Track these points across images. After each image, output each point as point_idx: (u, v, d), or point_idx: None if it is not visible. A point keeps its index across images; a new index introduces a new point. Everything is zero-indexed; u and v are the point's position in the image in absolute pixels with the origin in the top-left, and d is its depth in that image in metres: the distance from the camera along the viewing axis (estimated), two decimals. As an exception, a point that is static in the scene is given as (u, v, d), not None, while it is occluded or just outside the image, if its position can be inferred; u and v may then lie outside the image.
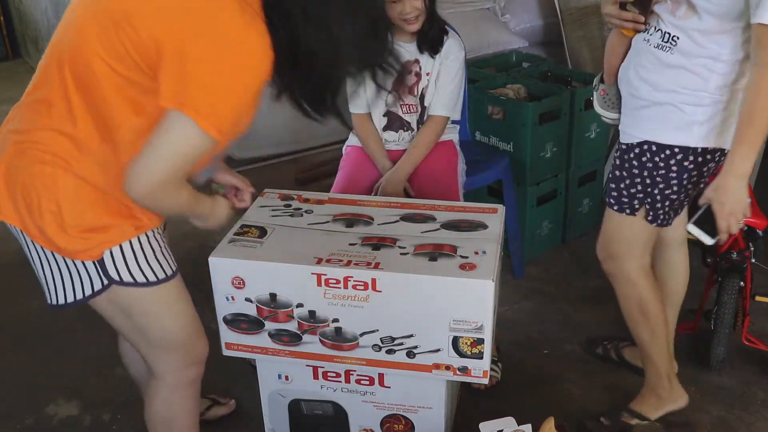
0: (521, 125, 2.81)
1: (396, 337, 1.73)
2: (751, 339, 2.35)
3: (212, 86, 1.28)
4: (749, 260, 2.33)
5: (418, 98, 2.47)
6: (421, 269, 1.67)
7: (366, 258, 1.70)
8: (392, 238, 1.79)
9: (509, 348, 2.51)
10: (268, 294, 1.73)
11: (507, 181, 2.79)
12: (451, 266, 1.68)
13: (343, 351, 1.78)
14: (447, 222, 1.87)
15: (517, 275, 2.92)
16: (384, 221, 1.88)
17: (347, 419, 1.97)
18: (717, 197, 1.74)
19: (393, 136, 2.52)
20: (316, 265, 1.68)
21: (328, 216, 1.90)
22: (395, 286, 1.67)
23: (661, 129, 1.83)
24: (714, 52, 1.72)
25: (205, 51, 1.27)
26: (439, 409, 1.90)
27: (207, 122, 1.29)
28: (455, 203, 2.04)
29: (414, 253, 1.73)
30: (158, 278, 1.53)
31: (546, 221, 3.03)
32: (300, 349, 1.80)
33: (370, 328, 1.73)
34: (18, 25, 5.82)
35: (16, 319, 2.69)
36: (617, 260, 2.04)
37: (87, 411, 2.30)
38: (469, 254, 1.71)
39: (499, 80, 3.07)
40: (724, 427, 2.16)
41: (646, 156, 1.87)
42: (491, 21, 4.05)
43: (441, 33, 2.42)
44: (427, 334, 1.72)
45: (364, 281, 1.67)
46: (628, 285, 2.04)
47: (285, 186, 3.68)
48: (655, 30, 1.79)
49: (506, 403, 2.22)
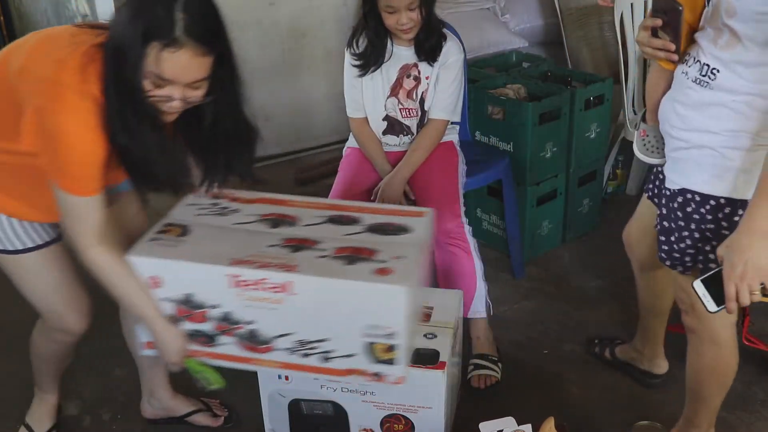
0: (521, 125, 2.81)
1: (311, 341, 1.68)
2: (751, 339, 2.34)
3: (64, 162, 1.52)
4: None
5: (418, 102, 2.47)
6: (336, 273, 1.60)
7: (283, 260, 1.64)
8: (313, 240, 1.72)
9: (509, 348, 2.51)
10: (183, 294, 1.68)
11: (507, 181, 2.79)
12: (367, 270, 1.60)
13: (257, 353, 1.73)
14: (373, 225, 1.79)
15: (517, 275, 2.92)
16: (310, 222, 1.80)
17: (347, 419, 1.97)
18: (729, 257, 1.47)
19: (393, 140, 2.52)
20: (231, 266, 1.62)
21: (255, 216, 1.82)
22: (309, 290, 1.61)
23: (701, 176, 1.61)
24: (758, 89, 1.51)
25: (43, 129, 1.50)
26: (439, 409, 1.90)
27: (75, 190, 1.55)
28: (384, 206, 1.93)
29: (333, 255, 1.66)
30: (18, 248, 1.73)
31: (546, 221, 3.03)
32: (216, 351, 1.75)
33: (285, 331, 1.68)
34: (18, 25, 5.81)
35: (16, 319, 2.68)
36: (704, 322, 1.76)
37: (87, 411, 2.30)
38: (388, 258, 1.64)
39: (499, 80, 3.07)
40: (724, 427, 2.16)
41: (690, 206, 1.65)
42: (491, 21, 4.05)
43: (439, 41, 2.41)
44: (342, 339, 1.66)
45: (278, 284, 1.61)
46: (713, 346, 1.80)
47: (285, 186, 3.70)
48: (695, 61, 1.60)
49: (506, 403, 2.22)
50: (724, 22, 1.52)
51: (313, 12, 3.80)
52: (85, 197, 1.56)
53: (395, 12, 2.29)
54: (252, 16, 3.66)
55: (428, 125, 2.49)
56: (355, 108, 2.53)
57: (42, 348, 2.05)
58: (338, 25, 3.81)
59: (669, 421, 2.14)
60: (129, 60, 1.44)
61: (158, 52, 1.43)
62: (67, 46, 1.50)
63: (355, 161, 2.57)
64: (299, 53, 3.85)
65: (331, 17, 3.84)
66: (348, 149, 2.63)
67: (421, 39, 2.38)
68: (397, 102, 2.47)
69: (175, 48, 1.43)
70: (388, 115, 2.50)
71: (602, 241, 3.12)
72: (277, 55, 3.79)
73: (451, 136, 2.60)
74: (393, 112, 2.49)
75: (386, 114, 2.49)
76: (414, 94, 2.47)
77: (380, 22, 2.35)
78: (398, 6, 2.27)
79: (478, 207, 3.09)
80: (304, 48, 3.85)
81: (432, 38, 2.39)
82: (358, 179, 2.52)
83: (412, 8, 2.28)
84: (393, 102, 2.48)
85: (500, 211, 2.97)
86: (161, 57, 1.43)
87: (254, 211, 1.84)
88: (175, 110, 1.55)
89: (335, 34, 3.80)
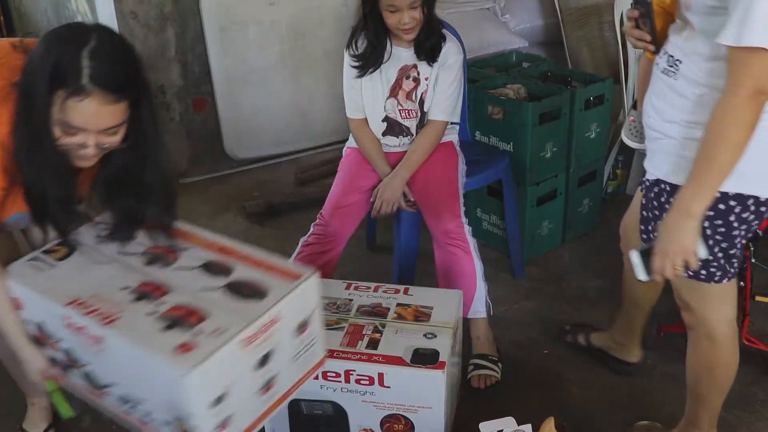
0: (521, 125, 2.81)
1: (131, 398, 1.56)
2: (751, 339, 2.34)
3: None
4: (749, 260, 2.33)
5: (417, 103, 2.47)
6: (142, 338, 1.46)
7: (114, 309, 1.53)
8: (165, 289, 1.58)
9: (509, 348, 2.51)
10: (37, 321, 1.64)
11: (507, 181, 2.79)
12: (172, 342, 1.44)
13: (98, 396, 1.65)
14: (234, 282, 1.61)
15: (517, 275, 2.92)
16: (185, 265, 1.67)
17: (347, 419, 1.97)
18: (660, 233, 1.56)
19: (393, 141, 2.52)
20: (66, 307, 1.54)
21: (142, 247, 1.71)
22: (118, 348, 1.49)
23: (668, 166, 1.63)
24: (711, 82, 1.52)
25: None
26: (439, 409, 1.90)
27: None
28: (268, 259, 1.69)
29: (161, 314, 1.51)
30: None
31: (546, 221, 3.03)
32: (70, 380, 1.69)
33: (112, 381, 1.58)
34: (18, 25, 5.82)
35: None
36: (696, 314, 1.80)
37: (87, 411, 2.30)
38: (207, 330, 1.46)
39: (499, 80, 3.07)
40: (724, 427, 2.16)
41: (663, 196, 1.66)
42: (491, 21, 4.06)
43: (438, 41, 2.41)
44: (155, 404, 1.52)
45: (95, 335, 1.51)
46: (708, 341, 1.81)
47: (285, 186, 3.71)
48: (664, 53, 1.63)
49: (506, 403, 2.22)
50: (683, 15, 1.56)
51: (313, 12, 3.81)
52: None
53: (397, 11, 2.28)
54: (252, 16, 3.66)
55: (427, 126, 2.48)
56: (354, 109, 2.52)
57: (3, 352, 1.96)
58: (338, 25, 3.81)
59: (669, 421, 2.14)
60: (36, 107, 1.40)
61: (63, 101, 1.38)
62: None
63: (354, 161, 2.57)
64: (299, 53, 3.85)
65: (331, 17, 3.84)
66: (348, 149, 2.63)
67: (422, 39, 2.38)
68: (397, 103, 2.47)
69: (82, 96, 1.38)
70: (388, 116, 2.49)
71: (602, 241, 3.12)
72: (277, 55, 3.79)
73: (451, 136, 2.60)
74: (392, 113, 2.48)
75: (386, 115, 2.49)
76: (413, 96, 2.46)
77: (380, 23, 2.35)
78: (400, 5, 2.27)
79: (478, 207, 3.09)
80: (304, 48, 3.85)
81: (432, 38, 2.39)
82: (358, 179, 2.52)
83: (414, 7, 2.28)
84: (392, 103, 2.47)
85: (500, 211, 2.97)
86: (67, 105, 1.39)
87: (144, 242, 1.73)
88: (90, 157, 1.50)
89: (335, 34, 3.81)
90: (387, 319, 2.02)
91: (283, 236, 3.27)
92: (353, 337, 1.95)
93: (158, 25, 3.49)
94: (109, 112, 1.43)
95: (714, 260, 1.66)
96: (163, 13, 3.49)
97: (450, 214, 2.37)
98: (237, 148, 3.87)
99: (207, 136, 3.82)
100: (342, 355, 1.89)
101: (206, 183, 3.79)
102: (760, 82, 1.39)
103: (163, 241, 1.71)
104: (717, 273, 1.68)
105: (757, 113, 1.42)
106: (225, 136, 3.82)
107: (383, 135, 2.52)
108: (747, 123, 1.42)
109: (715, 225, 1.60)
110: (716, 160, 1.46)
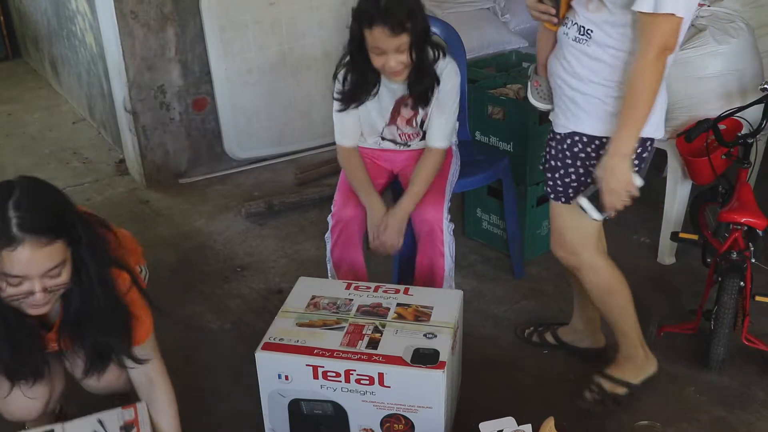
0: (521, 125, 2.81)
1: None
2: (751, 339, 2.34)
3: None
4: (749, 260, 2.33)
5: (419, 126, 2.38)
6: None
7: None
8: None
9: (509, 348, 2.52)
10: None
11: (507, 181, 2.79)
12: None
13: None
14: None
15: (517, 275, 2.92)
16: None
17: (347, 419, 1.97)
18: (603, 176, 1.85)
19: (391, 146, 2.45)
20: None
21: None
22: None
23: (587, 120, 1.91)
24: (622, 45, 1.81)
25: None
26: (439, 409, 1.90)
27: None
28: None
29: None
30: None
31: (546, 221, 3.02)
32: None
33: None
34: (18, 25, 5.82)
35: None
36: (576, 254, 2.10)
37: (87, 411, 2.29)
38: None
39: (499, 80, 3.07)
40: (724, 427, 2.16)
41: (577, 147, 1.95)
42: (491, 21, 4.06)
43: (431, 84, 2.26)
44: None
45: None
46: (591, 272, 2.11)
47: (285, 186, 3.71)
48: (572, 24, 1.88)
49: (506, 403, 2.22)
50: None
51: (313, 12, 3.80)
52: None
53: (383, 53, 2.14)
54: (252, 16, 3.66)
55: (427, 155, 2.35)
56: (343, 135, 2.40)
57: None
58: (338, 25, 3.81)
59: (669, 421, 2.14)
60: None
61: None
62: None
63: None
64: (299, 53, 3.85)
65: (331, 17, 3.84)
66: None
67: (412, 81, 2.24)
68: (396, 128, 2.38)
69: (14, 246, 1.46)
70: (385, 138, 2.42)
71: (602, 241, 3.12)
72: (277, 55, 3.79)
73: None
74: (391, 136, 2.40)
75: (382, 137, 2.42)
76: (414, 122, 2.36)
77: (367, 62, 2.20)
78: (386, 48, 2.12)
79: (478, 207, 3.09)
80: (304, 48, 3.85)
81: (424, 82, 2.24)
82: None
83: (401, 51, 2.13)
84: (392, 130, 2.39)
85: (500, 211, 2.97)
86: (3, 258, 1.46)
87: None
88: (41, 303, 1.54)
89: (335, 34, 3.80)
90: (387, 319, 2.02)
91: (283, 236, 3.27)
92: (353, 337, 1.95)
93: (158, 25, 3.49)
94: (45, 255, 1.49)
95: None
96: (163, 13, 3.49)
97: (431, 206, 2.32)
98: (237, 148, 3.87)
99: (207, 136, 3.82)
100: (342, 355, 1.89)
101: (206, 183, 3.79)
102: (666, 39, 1.73)
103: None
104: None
105: (664, 66, 1.77)
106: (225, 136, 3.82)
107: (382, 140, 2.44)
108: (659, 75, 1.77)
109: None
110: (640, 109, 1.79)
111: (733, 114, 2.42)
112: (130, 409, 1.83)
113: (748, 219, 2.31)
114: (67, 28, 4.35)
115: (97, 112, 4.37)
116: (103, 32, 3.62)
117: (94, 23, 3.82)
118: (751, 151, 2.43)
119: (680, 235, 2.68)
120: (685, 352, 2.44)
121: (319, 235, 3.25)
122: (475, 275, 2.94)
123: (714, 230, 2.53)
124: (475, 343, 2.49)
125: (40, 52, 5.32)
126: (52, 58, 5.03)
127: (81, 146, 4.30)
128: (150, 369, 1.82)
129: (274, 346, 1.93)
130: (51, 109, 4.86)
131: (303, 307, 2.08)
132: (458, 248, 2.85)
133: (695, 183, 2.78)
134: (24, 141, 4.42)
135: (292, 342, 1.94)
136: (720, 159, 2.51)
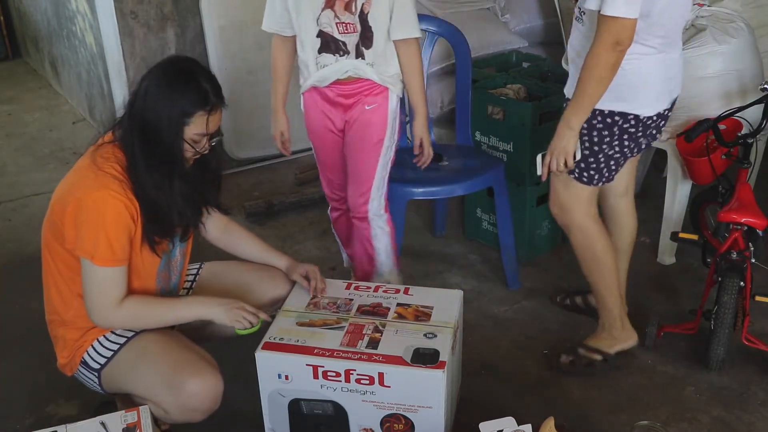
0: (521, 125, 2.81)
1: None
2: (751, 339, 2.35)
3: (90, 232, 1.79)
4: (749, 260, 2.33)
5: (357, 16, 2.21)
6: None
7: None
8: None
9: (509, 348, 2.52)
10: None
11: (499, 189, 2.76)
12: None
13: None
14: None
15: (510, 286, 2.86)
16: None
17: (347, 419, 1.97)
18: (552, 139, 2.10)
19: (329, 59, 2.27)
20: None
21: None
22: None
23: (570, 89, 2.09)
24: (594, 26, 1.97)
25: (81, 212, 1.80)
26: (439, 409, 1.90)
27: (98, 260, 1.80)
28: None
29: None
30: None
31: (546, 221, 3.02)
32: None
33: None
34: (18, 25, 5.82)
35: (16, 319, 2.69)
36: (568, 212, 2.25)
37: (87, 411, 2.30)
38: None
39: (499, 80, 3.07)
40: (724, 427, 2.16)
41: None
42: (491, 21, 4.05)
43: None
44: None
45: None
46: (580, 232, 2.25)
47: (285, 186, 3.71)
48: (576, 6, 2.09)
49: (506, 403, 2.22)
50: None
51: (313, 12, 3.80)
52: (112, 268, 1.81)
53: None
54: (252, 16, 3.65)
55: (402, 50, 2.26)
56: (274, 20, 2.29)
57: None
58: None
59: (669, 421, 2.14)
60: (166, 136, 1.80)
61: (203, 117, 1.82)
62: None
63: (312, 114, 2.47)
64: (299, 53, 3.85)
65: (331, 17, 3.83)
66: (304, 94, 2.46)
67: None
68: (333, 15, 2.20)
69: (216, 110, 1.85)
70: (322, 31, 2.23)
71: (602, 241, 3.12)
72: (277, 55, 3.79)
73: (394, 91, 2.35)
74: (328, 27, 2.21)
75: (320, 30, 2.23)
76: (353, 7, 2.19)
77: None
78: None
79: (477, 207, 3.10)
80: (304, 48, 3.85)
81: None
82: (324, 134, 2.46)
83: None
84: (328, 15, 2.20)
85: (500, 211, 2.96)
86: (209, 119, 1.83)
87: None
88: (196, 156, 1.90)
89: (335, 34, 3.80)
90: (387, 319, 2.02)
91: (283, 236, 3.27)
92: (353, 337, 1.95)
93: (158, 25, 3.49)
94: (222, 115, 1.90)
95: (595, 164, 2.14)
96: (163, 13, 3.49)
97: (357, 194, 2.35)
98: (237, 148, 3.87)
99: (207, 136, 3.82)
100: (342, 354, 1.89)
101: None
102: (617, 36, 1.89)
103: None
104: (595, 176, 2.17)
105: (616, 58, 1.92)
106: (225, 136, 3.81)
107: (319, 52, 2.26)
108: (608, 64, 1.93)
109: (603, 135, 2.10)
110: (586, 90, 1.99)
111: (733, 114, 2.43)
112: (132, 412, 1.83)
113: (748, 219, 2.31)
114: (67, 28, 4.35)
115: (97, 112, 4.37)
116: (103, 32, 3.61)
117: (94, 23, 3.82)
118: (751, 151, 2.44)
119: (680, 235, 2.68)
120: (685, 352, 2.45)
121: (319, 235, 3.26)
122: (475, 275, 2.94)
123: (714, 230, 2.53)
124: (475, 343, 2.49)
125: (40, 52, 5.32)
126: (52, 58, 5.03)
127: (81, 146, 4.26)
128: (223, 216, 2.18)
129: (274, 345, 1.94)
130: (51, 109, 4.86)
131: (303, 307, 2.08)
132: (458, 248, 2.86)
133: (695, 183, 2.78)
134: (24, 141, 4.42)
135: (292, 342, 1.94)
136: (720, 159, 2.51)
